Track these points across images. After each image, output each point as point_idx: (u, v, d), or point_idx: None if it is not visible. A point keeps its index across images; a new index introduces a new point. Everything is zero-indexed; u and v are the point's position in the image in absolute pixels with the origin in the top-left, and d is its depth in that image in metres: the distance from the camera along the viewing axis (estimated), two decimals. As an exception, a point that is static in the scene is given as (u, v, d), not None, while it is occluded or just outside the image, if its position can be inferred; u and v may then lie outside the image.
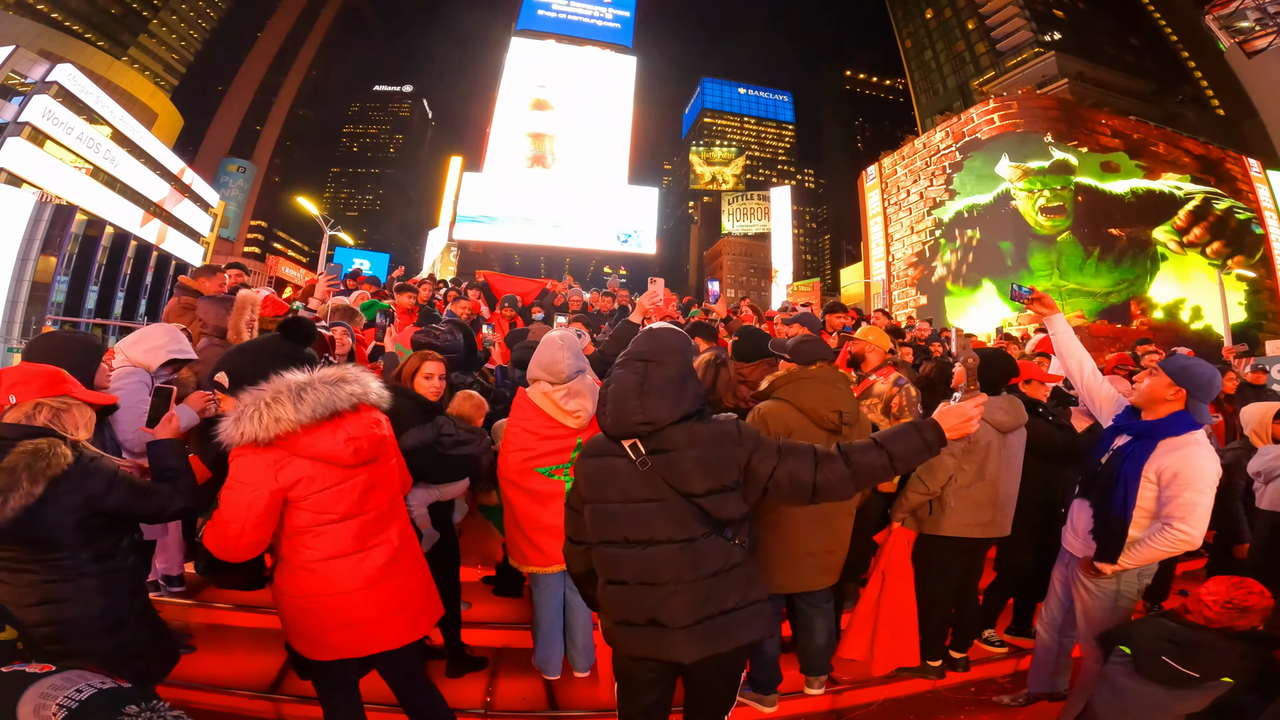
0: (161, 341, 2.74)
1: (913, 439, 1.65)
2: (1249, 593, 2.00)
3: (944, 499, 2.86)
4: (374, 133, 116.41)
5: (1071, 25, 48.90)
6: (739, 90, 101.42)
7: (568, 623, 2.84)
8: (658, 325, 1.87)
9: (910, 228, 32.89)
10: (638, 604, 1.69)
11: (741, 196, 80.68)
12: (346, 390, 1.84)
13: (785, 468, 1.65)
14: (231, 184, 61.14)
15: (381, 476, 1.93)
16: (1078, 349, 2.70)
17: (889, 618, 2.95)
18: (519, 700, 2.72)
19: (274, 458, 1.73)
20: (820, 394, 2.53)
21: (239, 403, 1.76)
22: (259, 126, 71.30)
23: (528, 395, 2.70)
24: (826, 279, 64.19)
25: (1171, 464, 2.27)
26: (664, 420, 1.67)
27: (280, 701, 2.56)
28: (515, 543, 2.74)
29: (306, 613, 1.83)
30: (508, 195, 30.18)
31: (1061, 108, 30.24)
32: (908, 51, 60.94)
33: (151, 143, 25.02)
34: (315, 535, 1.80)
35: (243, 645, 2.88)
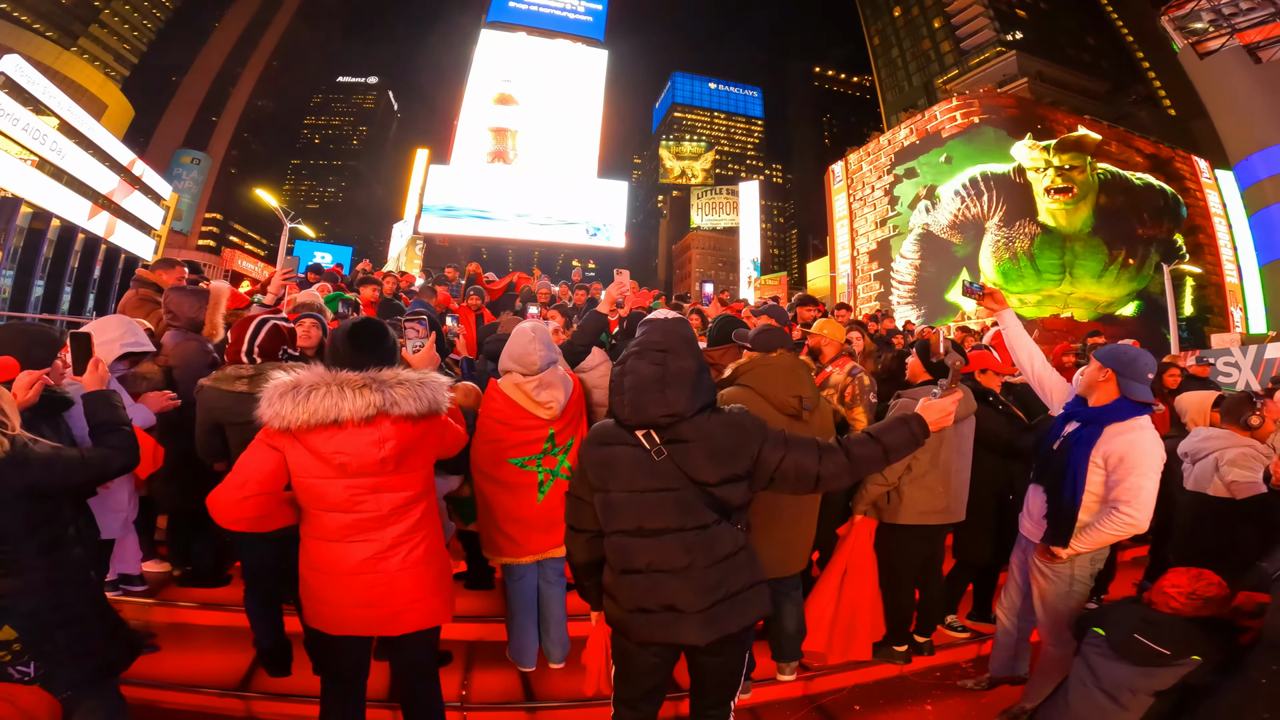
0: (116, 334, 2.63)
1: (902, 431, 1.80)
2: (1208, 584, 2.08)
3: (901, 488, 2.93)
4: (336, 124, 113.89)
5: (1033, 25, 50.17)
6: (709, 85, 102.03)
7: (542, 614, 2.85)
8: (663, 315, 1.87)
9: (875, 223, 33.53)
10: (653, 591, 1.70)
11: (710, 191, 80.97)
12: (364, 400, 1.76)
13: (792, 458, 1.72)
14: (185, 176, 59.22)
15: (389, 484, 1.86)
16: (1027, 342, 2.80)
17: (848, 610, 3.00)
18: (495, 693, 2.70)
19: (283, 438, 1.78)
20: (780, 380, 2.57)
21: (273, 387, 1.79)
22: (215, 117, 69.18)
23: (500, 387, 2.69)
24: (793, 273, 65.01)
25: (1117, 449, 2.35)
26: (685, 412, 1.69)
27: (250, 699, 2.51)
28: (489, 534, 2.73)
29: (303, 580, 1.91)
30: (475, 188, 29.79)
31: (1020, 106, 31.07)
32: (875, 49, 61.84)
33: (100, 134, 24.04)
34: (312, 515, 1.86)
35: (209, 644, 2.81)
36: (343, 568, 1.84)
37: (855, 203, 35.06)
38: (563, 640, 2.88)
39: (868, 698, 3.03)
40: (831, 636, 3.00)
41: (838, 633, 3.00)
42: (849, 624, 3.01)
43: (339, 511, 1.82)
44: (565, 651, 2.89)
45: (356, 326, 1.91)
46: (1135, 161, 30.09)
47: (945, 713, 2.90)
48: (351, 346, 1.86)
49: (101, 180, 22.66)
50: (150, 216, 26.10)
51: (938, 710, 2.92)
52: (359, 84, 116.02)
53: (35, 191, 18.80)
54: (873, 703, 2.99)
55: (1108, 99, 44.37)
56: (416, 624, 1.92)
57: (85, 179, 21.62)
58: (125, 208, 24.19)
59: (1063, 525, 2.46)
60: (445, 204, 29.11)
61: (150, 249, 25.04)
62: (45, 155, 19.68)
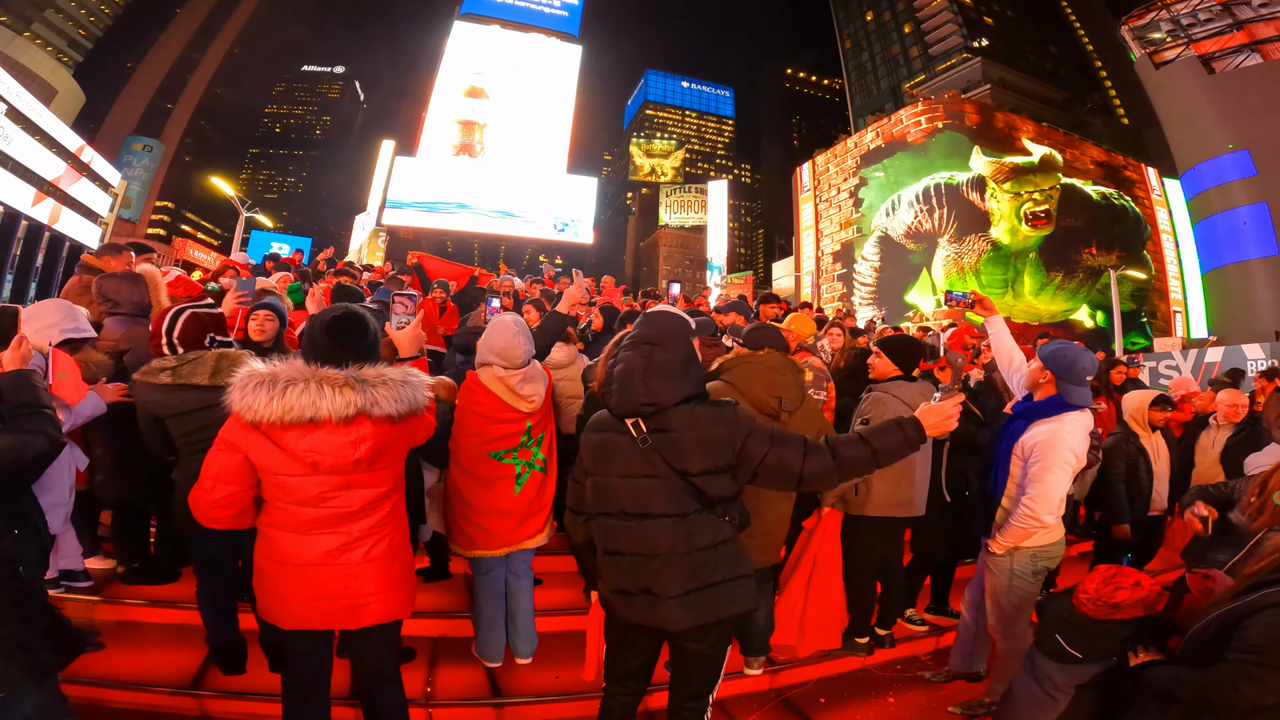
0: (55, 319, 2.50)
1: (895, 434, 1.75)
2: (1117, 588, 2.00)
3: (869, 480, 2.97)
4: (299, 113, 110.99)
5: (999, 32, 51.34)
6: (682, 84, 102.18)
7: (509, 609, 2.81)
8: (659, 309, 1.92)
9: (839, 224, 34.10)
10: (633, 574, 1.78)
11: (679, 189, 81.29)
12: (342, 399, 1.69)
13: (775, 454, 1.72)
14: (136, 163, 57.02)
15: (364, 481, 1.81)
16: (1009, 345, 2.92)
17: (818, 601, 3.02)
18: (460, 689, 2.66)
19: (249, 431, 1.72)
20: (764, 379, 2.58)
21: (247, 376, 1.72)
22: (170, 105, 66.76)
23: (479, 379, 2.63)
24: (759, 272, 65.61)
25: (1031, 440, 2.43)
26: (666, 401, 1.75)
27: (203, 697, 2.41)
28: (460, 528, 2.68)
29: (258, 571, 1.85)
30: (442, 181, 29.37)
31: (982, 112, 31.91)
32: (846, 52, 62.59)
33: (48, 119, 23.05)
34: (273, 507, 1.80)
35: (159, 642, 2.69)
36: (303, 559, 1.78)
37: (821, 204, 35.63)
38: (530, 635, 2.85)
39: (832, 690, 3.07)
40: (803, 629, 3.03)
41: (809, 625, 3.03)
42: (820, 616, 3.03)
43: (306, 506, 1.77)
44: (533, 646, 2.86)
45: (336, 318, 1.81)
46: (1088, 169, 31.21)
47: (907, 704, 2.96)
48: (330, 339, 1.78)
49: (47, 166, 21.74)
50: (97, 204, 25.09)
51: (899, 702, 2.98)
52: (325, 73, 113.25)
53: (-23, 177, 17.91)
54: (837, 695, 3.04)
55: (1065, 106, 45.64)
56: (377, 617, 1.87)
57: (31, 165, 20.72)
58: (72, 195, 23.22)
59: (991, 519, 2.54)
60: (410, 196, 28.64)
61: (96, 237, 24.03)
62: (-10, 140, 18.77)
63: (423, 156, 31.23)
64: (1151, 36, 22.94)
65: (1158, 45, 22.81)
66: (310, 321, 1.86)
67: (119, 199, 27.85)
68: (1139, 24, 23.16)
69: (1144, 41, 23.08)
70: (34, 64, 42.84)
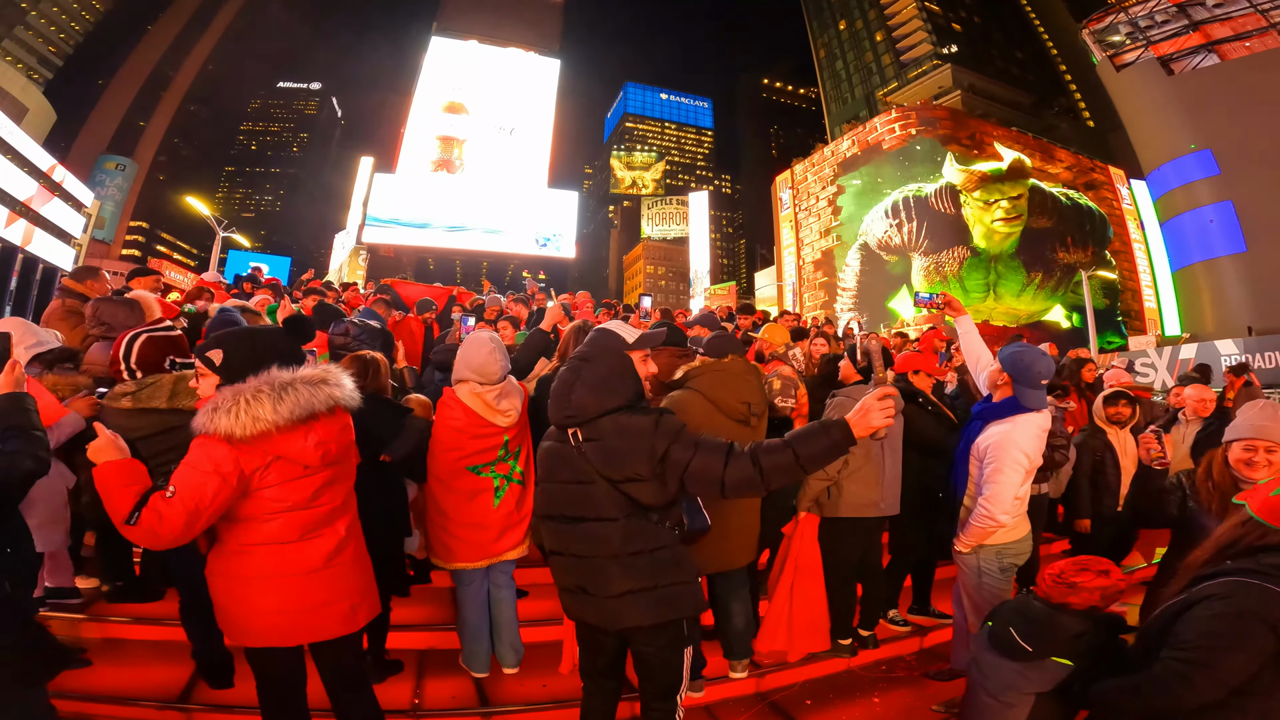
0: (21, 339, 2.53)
1: (820, 439, 1.68)
2: (1081, 569, 2.01)
3: (840, 482, 3.06)
4: (276, 130, 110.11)
5: (967, 38, 52.41)
6: (661, 95, 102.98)
7: (494, 619, 2.84)
8: (601, 327, 2.00)
9: (819, 232, 34.50)
10: (572, 573, 1.90)
11: (661, 201, 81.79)
12: (325, 393, 1.82)
13: (699, 460, 1.74)
14: (109, 182, 56.15)
15: (341, 474, 1.94)
16: (977, 345, 3.01)
17: (803, 605, 3.08)
18: (448, 699, 2.68)
19: (244, 452, 1.70)
20: (730, 386, 2.67)
21: (220, 395, 1.71)
22: (143, 122, 65.97)
23: (456, 395, 2.69)
24: (742, 282, 66.02)
25: (986, 441, 2.51)
26: (588, 412, 1.83)
27: (191, 711, 2.42)
28: (440, 540, 2.72)
29: (238, 596, 1.80)
30: (422, 197, 29.25)
31: (953, 118, 32.60)
32: (821, 61, 63.51)
33: (19, 138, 22.67)
34: (261, 523, 1.77)
35: (145, 658, 2.69)
36: (304, 567, 1.80)
37: (801, 213, 36.06)
38: (515, 645, 2.88)
39: (818, 692, 3.10)
40: (792, 634, 3.08)
41: (797, 629, 3.08)
42: (807, 619, 3.09)
43: (299, 509, 1.80)
44: (519, 656, 2.88)
45: (293, 321, 1.98)
46: (1057, 172, 31.93)
47: (892, 704, 3.00)
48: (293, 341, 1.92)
49: (19, 186, 21.36)
50: (70, 225, 24.70)
51: (884, 702, 3.02)
52: (301, 90, 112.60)
53: (-55, 198, 17.58)
54: (823, 697, 3.07)
55: (1033, 111, 46.65)
56: (368, 616, 1.95)
57: (2, 186, 20.34)
58: (44, 215, 22.84)
59: (956, 519, 2.62)
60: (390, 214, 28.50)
61: (70, 258, 23.66)
62: (-42, 160, 18.43)
63: (402, 173, 31.14)
64: (1111, 39, 23.52)
65: (1118, 48, 23.36)
66: (263, 332, 1.92)
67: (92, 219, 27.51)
68: (1099, 27, 23.75)
69: (1104, 45, 23.65)
70: (4, 81, 42.02)
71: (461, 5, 35.15)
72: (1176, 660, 1.51)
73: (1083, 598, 1.98)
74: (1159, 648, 1.58)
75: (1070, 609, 2.00)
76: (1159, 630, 1.61)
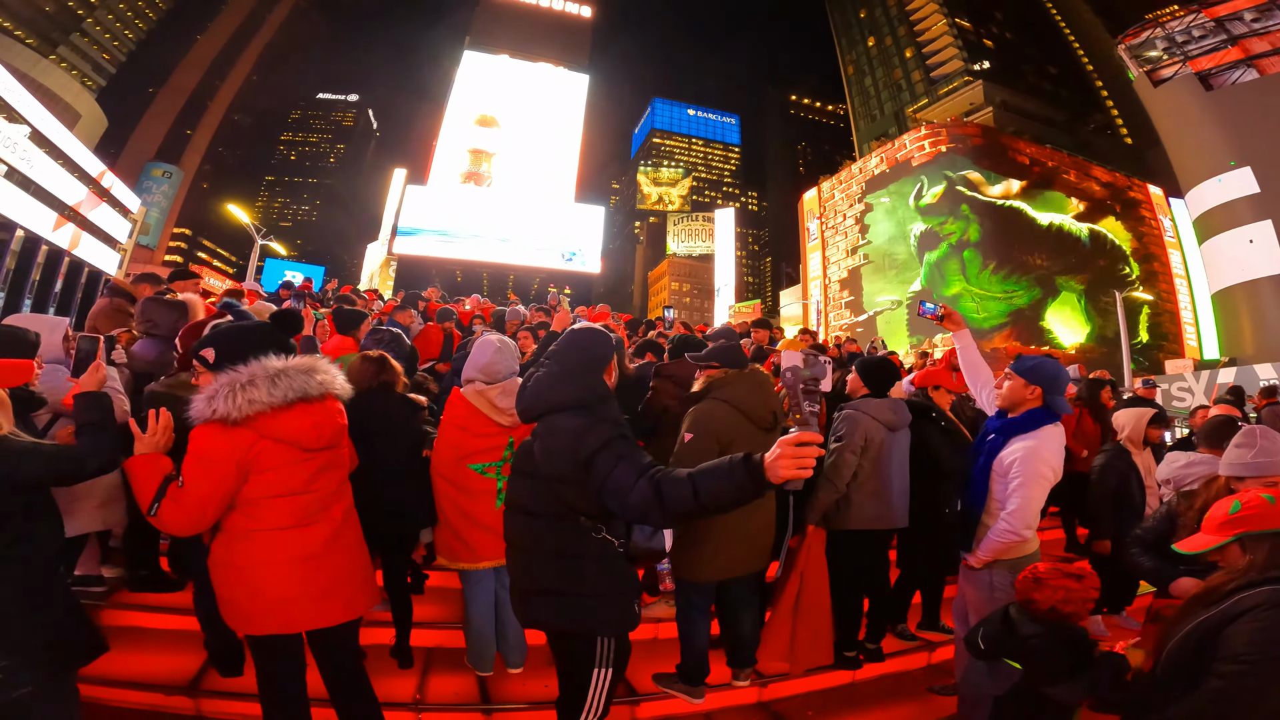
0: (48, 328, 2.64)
1: (722, 480, 1.45)
2: (1053, 569, 2.01)
3: (849, 495, 3.06)
4: (314, 141, 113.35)
5: (999, 54, 51.96)
6: (688, 111, 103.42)
7: (500, 619, 2.86)
8: (578, 325, 2.01)
9: (846, 250, 34.23)
10: (511, 563, 1.94)
11: (687, 217, 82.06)
12: (317, 379, 1.92)
13: (616, 476, 1.62)
14: (155, 189, 58.15)
15: (335, 460, 2.01)
16: (975, 359, 2.95)
17: (808, 619, 3.03)
18: (451, 695, 2.72)
19: (241, 436, 1.78)
20: (758, 394, 2.68)
21: (215, 382, 1.81)
22: (190, 131, 68.39)
23: (462, 394, 2.78)
24: (768, 300, 65.75)
25: (1010, 455, 2.47)
26: (534, 409, 1.85)
27: (200, 697, 2.49)
28: (446, 540, 2.77)
29: (240, 583, 1.85)
30: (451, 209, 29.76)
31: (985, 135, 32.20)
32: (849, 78, 63.40)
33: (72, 144, 23.49)
34: (260, 508, 1.84)
35: (159, 646, 2.77)
36: (302, 552, 1.86)
37: (827, 231, 35.80)
38: (520, 645, 2.90)
39: (820, 704, 3.09)
40: (794, 650, 3.02)
41: (800, 645, 3.02)
42: (811, 634, 3.03)
43: (296, 493, 1.87)
44: (523, 657, 2.91)
45: (278, 314, 2.08)
46: (1092, 190, 31.32)
47: (893, 718, 2.98)
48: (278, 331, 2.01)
49: (69, 191, 22.12)
50: (117, 230, 25.55)
51: (886, 716, 2.99)
52: (339, 101, 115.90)
53: (1, 201, 18.33)
54: (825, 708, 3.05)
55: (1067, 127, 45.93)
56: (368, 604, 2.00)
57: (53, 189, 21.08)
58: (92, 220, 23.66)
59: (970, 533, 2.59)
60: (420, 225, 29.01)
61: (115, 263, 24.48)
62: (14, 164, 19.15)
63: (433, 185, 31.76)
64: (1148, 55, 23.04)
65: (1155, 63, 22.86)
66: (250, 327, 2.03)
67: (138, 225, 28.42)
68: (1135, 42, 23.31)
69: (1141, 60, 23.17)
70: (59, 87, 43.59)
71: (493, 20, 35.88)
72: (1237, 673, 1.42)
73: (1045, 595, 1.96)
74: (1193, 671, 1.51)
75: (1032, 606, 1.99)
76: (1193, 649, 1.53)
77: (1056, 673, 1.85)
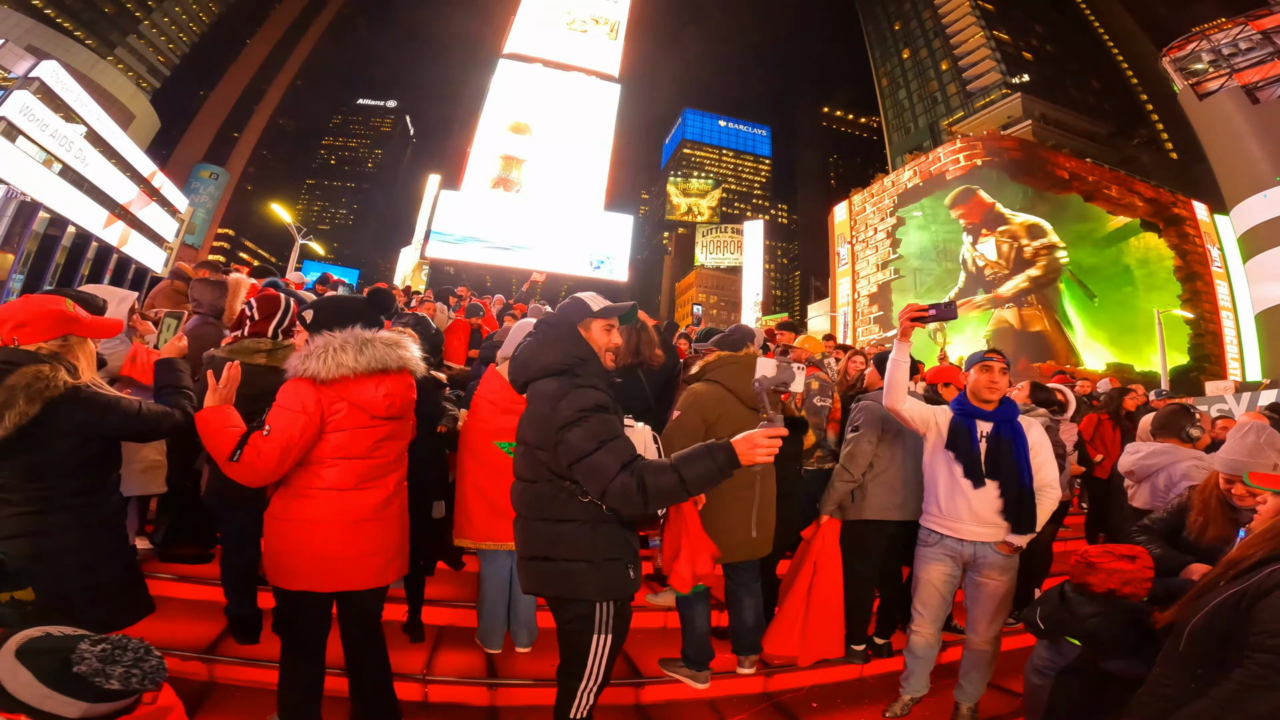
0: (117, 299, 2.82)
1: (704, 462, 1.65)
2: (1104, 552, 2.04)
3: (865, 485, 3.08)
4: (353, 146, 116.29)
5: (1039, 67, 50.99)
6: (719, 122, 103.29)
7: (512, 597, 2.92)
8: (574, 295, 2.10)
9: (876, 265, 33.86)
10: (516, 530, 1.97)
11: (715, 229, 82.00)
12: (398, 353, 2.06)
13: (597, 458, 1.69)
14: (202, 190, 60.19)
15: (399, 431, 2.13)
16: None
17: (819, 609, 3.04)
18: (458, 671, 2.78)
19: (326, 393, 1.94)
20: (746, 376, 2.71)
21: (311, 343, 1.98)
22: (236, 134, 70.69)
23: (495, 369, 2.90)
24: (795, 314, 65.28)
25: (1033, 439, 2.69)
26: (521, 378, 1.94)
27: (214, 662, 2.58)
28: (461, 512, 2.83)
29: (291, 537, 1.97)
30: (483, 215, 30.15)
31: (1023, 149, 31.60)
32: (883, 90, 62.86)
33: (125, 144, 24.36)
34: (326, 466, 1.97)
35: (181, 614, 2.88)
36: (354, 515, 1.98)
37: (858, 244, 35.46)
38: (530, 625, 2.96)
39: (825, 697, 3.09)
40: (805, 639, 3.05)
41: (810, 635, 3.05)
42: (822, 625, 3.05)
43: (359, 458, 2.00)
44: (532, 637, 2.96)
45: (375, 290, 2.26)
46: (1135, 205, 30.49)
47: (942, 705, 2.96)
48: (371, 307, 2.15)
49: (121, 190, 22.92)
50: (164, 229, 26.43)
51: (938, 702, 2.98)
52: (378, 107, 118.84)
53: (55, 198, 19.04)
54: (830, 702, 3.05)
55: (1110, 142, 44.60)
56: (398, 573, 2.11)
57: (105, 188, 21.83)
58: (141, 219, 24.51)
59: (1025, 514, 2.61)
60: (453, 230, 29.44)
61: (161, 261, 25.29)
62: (69, 162, 19.89)
63: (466, 190, 32.19)
64: (1193, 68, 22.46)
65: (1200, 76, 22.27)
66: (349, 299, 2.18)
67: (185, 224, 29.42)
68: (1180, 55, 22.76)
69: (1186, 73, 22.60)
70: (115, 88, 44.97)
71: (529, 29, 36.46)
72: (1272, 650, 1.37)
73: (1100, 579, 2.00)
74: (1222, 646, 1.47)
75: (1088, 589, 2.03)
76: (1223, 626, 1.48)
77: (1118, 649, 1.89)
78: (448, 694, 2.68)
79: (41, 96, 19.23)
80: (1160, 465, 3.14)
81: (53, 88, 19.97)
